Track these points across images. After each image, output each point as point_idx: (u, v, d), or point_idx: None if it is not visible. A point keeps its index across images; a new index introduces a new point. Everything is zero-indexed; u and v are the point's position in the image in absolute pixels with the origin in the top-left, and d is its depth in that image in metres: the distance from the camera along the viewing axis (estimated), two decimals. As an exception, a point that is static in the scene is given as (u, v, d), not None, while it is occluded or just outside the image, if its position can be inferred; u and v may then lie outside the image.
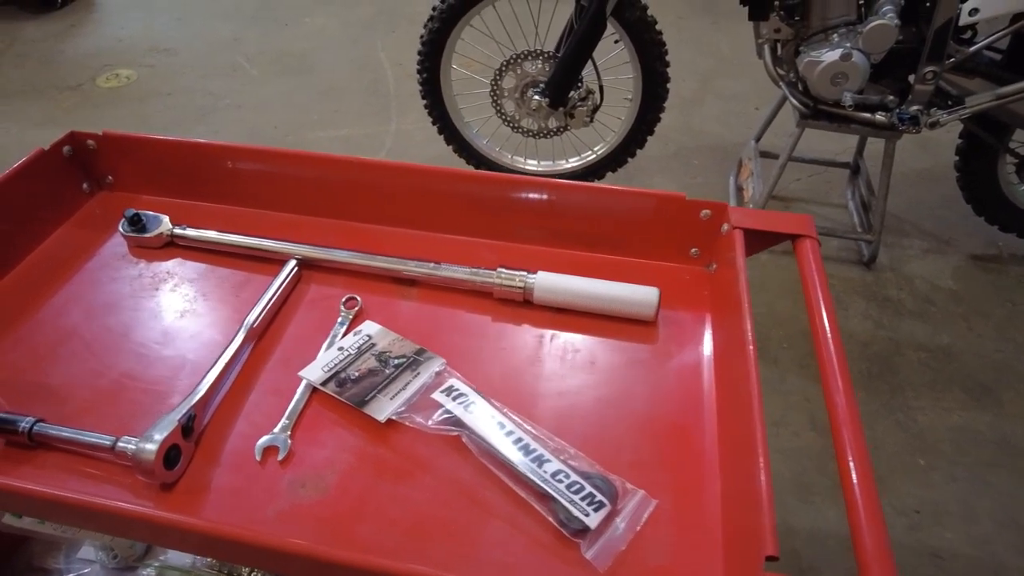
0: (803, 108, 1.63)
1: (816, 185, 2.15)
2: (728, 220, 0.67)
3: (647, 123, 1.82)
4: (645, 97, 1.77)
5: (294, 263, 0.71)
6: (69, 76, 2.71)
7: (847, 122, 1.62)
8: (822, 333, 0.57)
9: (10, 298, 0.71)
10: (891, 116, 1.56)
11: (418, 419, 0.57)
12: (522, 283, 0.67)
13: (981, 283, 1.81)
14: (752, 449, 0.48)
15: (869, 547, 0.42)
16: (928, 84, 1.50)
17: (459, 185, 0.75)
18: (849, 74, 1.50)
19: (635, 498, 0.53)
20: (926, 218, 2.01)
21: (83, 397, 0.61)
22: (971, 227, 1.93)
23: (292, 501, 0.53)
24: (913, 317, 1.72)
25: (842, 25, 1.50)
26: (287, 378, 0.62)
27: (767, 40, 1.62)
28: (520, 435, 0.55)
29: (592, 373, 0.63)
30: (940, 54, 1.45)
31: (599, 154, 1.94)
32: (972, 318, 1.71)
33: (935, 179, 2.14)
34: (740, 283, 0.60)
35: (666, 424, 0.59)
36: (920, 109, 1.54)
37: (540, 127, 1.85)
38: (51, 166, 0.78)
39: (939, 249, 1.91)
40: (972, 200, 1.82)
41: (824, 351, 0.55)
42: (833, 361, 0.54)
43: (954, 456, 1.41)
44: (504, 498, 0.53)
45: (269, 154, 0.79)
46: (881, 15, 1.44)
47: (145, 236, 0.76)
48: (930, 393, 1.53)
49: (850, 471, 0.47)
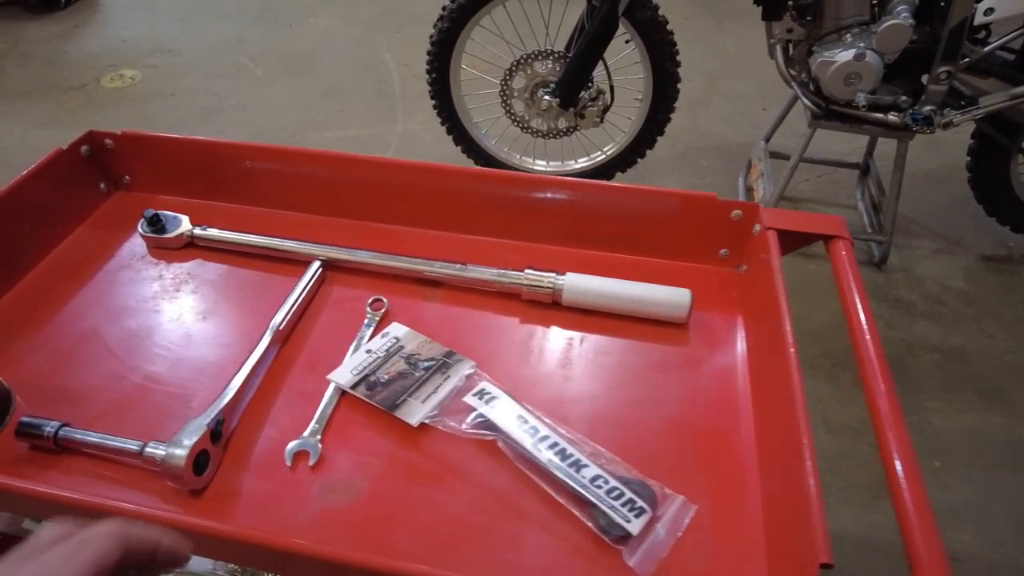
0: (815, 108, 1.62)
1: (824, 186, 2.15)
2: (760, 221, 0.66)
3: (657, 123, 1.81)
4: (656, 97, 1.76)
5: (319, 264, 0.70)
6: (73, 76, 2.70)
7: (860, 123, 1.61)
8: (861, 335, 0.56)
9: (30, 300, 0.70)
10: (904, 116, 1.55)
11: (451, 423, 0.56)
12: (551, 285, 0.66)
13: (992, 284, 1.80)
14: (798, 454, 0.47)
15: (923, 552, 0.41)
16: (942, 84, 1.49)
17: (482, 185, 0.74)
18: (863, 74, 1.50)
19: (675, 503, 0.52)
20: (936, 219, 2.00)
21: (106, 400, 0.60)
22: (981, 228, 1.93)
23: (324, 507, 0.51)
24: (925, 318, 1.71)
25: (855, 25, 1.50)
26: (315, 381, 0.61)
27: (779, 40, 1.61)
28: (556, 439, 0.54)
29: (624, 376, 0.62)
30: (955, 54, 1.45)
31: (608, 154, 1.93)
32: (983, 319, 1.71)
33: (944, 180, 2.14)
34: (777, 285, 0.59)
35: (701, 427, 0.58)
36: (933, 109, 1.53)
37: (550, 127, 1.85)
38: (69, 166, 0.77)
39: (949, 250, 1.90)
40: (983, 201, 1.81)
41: (864, 353, 0.54)
42: (874, 364, 0.53)
43: (968, 458, 1.40)
44: (541, 504, 0.52)
45: (289, 153, 0.78)
46: (895, 15, 1.43)
47: (165, 237, 0.74)
48: (943, 395, 1.52)
49: (898, 476, 0.46)
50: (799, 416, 0.49)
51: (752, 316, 0.66)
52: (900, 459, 0.47)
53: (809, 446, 0.47)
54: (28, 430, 0.54)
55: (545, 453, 0.53)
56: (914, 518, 0.43)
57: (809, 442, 0.47)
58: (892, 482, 0.46)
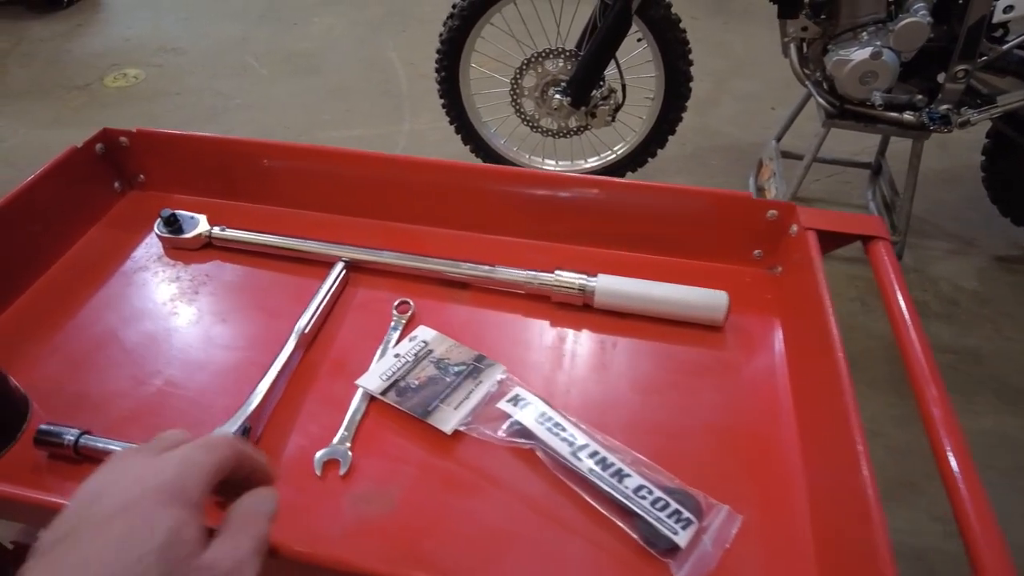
0: (830, 108, 1.61)
1: (835, 186, 2.13)
2: (798, 221, 0.64)
3: (669, 122, 1.80)
4: (668, 96, 1.74)
5: (342, 265, 0.68)
6: (76, 76, 2.68)
7: (875, 122, 1.59)
8: (909, 340, 0.54)
9: (44, 303, 0.68)
10: (920, 116, 1.53)
11: (486, 431, 0.54)
12: (583, 287, 0.64)
13: (1006, 285, 1.78)
14: (853, 463, 0.45)
15: (987, 560, 0.40)
16: (959, 83, 1.48)
17: (508, 184, 0.72)
18: (879, 73, 1.48)
19: (720, 514, 0.50)
20: (948, 219, 1.99)
21: (126, 407, 0.58)
22: (994, 228, 1.91)
23: (357, 517, 0.50)
24: (939, 319, 1.69)
25: (871, 23, 1.48)
26: (342, 387, 0.59)
27: (793, 39, 1.59)
28: (596, 447, 0.52)
29: (660, 381, 0.60)
30: (972, 52, 1.43)
31: (619, 154, 1.91)
32: (999, 320, 1.69)
33: (955, 179, 2.12)
34: (820, 286, 0.57)
35: (742, 434, 0.56)
36: (950, 108, 1.52)
37: (560, 127, 1.83)
38: (83, 165, 0.75)
39: (962, 250, 1.89)
40: (998, 201, 1.80)
41: (914, 359, 0.52)
42: (924, 368, 0.51)
43: (987, 460, 1.39)
44: (582, 514, 0.50)
45: (308, 151, 0.76)
46: (913, 13, 1.42)
47: (182, 237, 0.73)
48: (960, 397, 1.50)
49: (957, 482, 0.44)
50: (852, 424, 0.47)
51: (791, 319, 0.64)
52: (959, 465, 0.45)
53: (865, 454, 0.45)
54: (47, 438, 0.52)
55: (586, 462, 0.51)
56: (976, 526, 0.42)
57: (865, 450, 0.46)
58: (952, 489, 0.44)
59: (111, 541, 0.29)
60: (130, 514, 0.30)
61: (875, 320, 1.66)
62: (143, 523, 0.30)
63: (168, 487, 0.32)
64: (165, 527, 0.30)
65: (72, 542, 0.29)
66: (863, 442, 0.46)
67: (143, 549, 0.29)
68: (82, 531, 0.30)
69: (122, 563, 0.28)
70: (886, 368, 1.54)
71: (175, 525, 0.30)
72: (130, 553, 0.28)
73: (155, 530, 0.29)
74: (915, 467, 1.35)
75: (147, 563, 0.28)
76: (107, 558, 0.28)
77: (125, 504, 0.30)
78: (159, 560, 0.29)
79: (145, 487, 0.31)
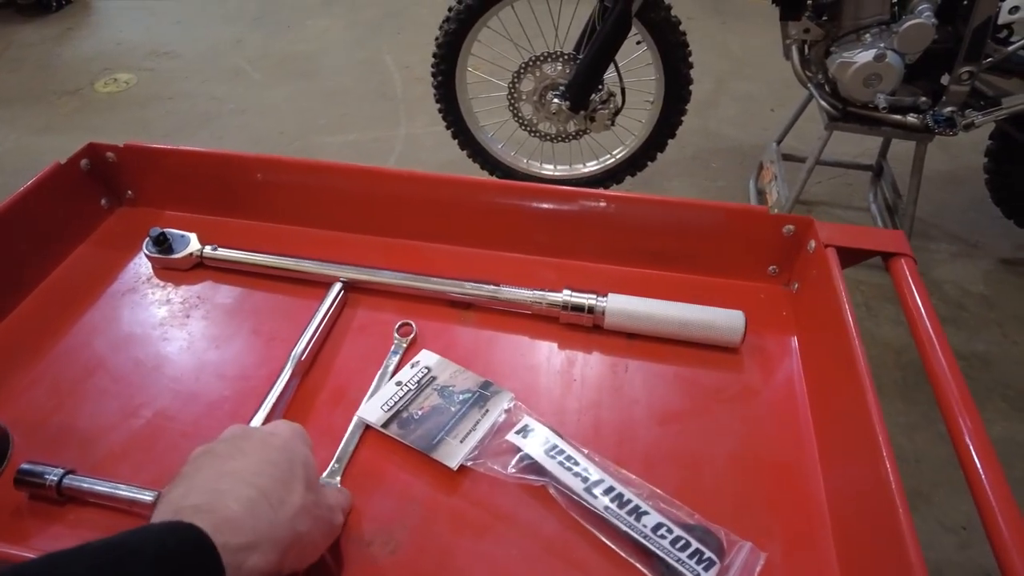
0: (832, 110, 1.58)
1: (836, 188, 2.11)
2: (817, 237, 0.61)
3: (669, 125, 1.77)
4: (668, 99, 1.72)
5: (340, 286, 0.65)
6: (67, 81, 2.64)
7: (878, 125, 1.57)
8: (936, 361, 0.51)
9: (27, 327, 0.65)
10: (924, 118, 1.51)
11: (494, 466, 0.51)
12: (593, 307, 0.61)
13: (1013, 287, 1.76)
14: (886, 494, 0.42)
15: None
16: (964, 85, 1.46)
17: (514, 198, 0.70)
18: (883, 75, 1.46)
19: (743, 551, 0.47)
20: (951, 221, 1.97)
21: (115, 441, 0.55)
22: (998, 230, 1.89)
23: (361, 562, 0.47)
24: (946, 324, 1.67)
25: (875, 25, 1.46)
26: (342, 416, 0.56)
27: (795, 41, 1.57)
28: (611, 483, 0.49)
29: (676, 407, 0.58)
30: (978, 54, 1.41)
31: (618, 158, 1.88)
32: (1006, 324, 1.67)
33: (957, 181, 2.10)
34: (842, 306, 0.55)
35: (763, 462, 0.54)
36: (955, 110, 1.49)
37: (559, 131, 1.80)
38: (68, 181, 0.72)
39: (967, 253, 1.87)
40: (1002, 203, 1.78)
41: (942, 379, 0.50)
42: (953, 390, 0.49)
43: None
44: (598, 555, 0.47)
45: (303, 166, 0.73)
46: (918, 14, 1.39)
47: (172, 257, 0.70)
48: (970, 403, 1.48)
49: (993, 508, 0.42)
50: (883, 451, 0.44)
51: (808, 337, 0.62)
52: (993, 493, 0.43)
53: (898, 485, 0.42)
54: (28, 478, 0.49)
55: (601, 499, 0.48)
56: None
57: (898, 481, 0.43)
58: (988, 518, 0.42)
59: (271, 450, 0.41)
60: (280, 438, 0.42)
61: (880, 325, 1.64)
62: (292, 445, 0.42)
63: (299, 432, 0.45)
64: (304, 452, 0.43)
65: (248, 445, 0.41)
66: (895, 474, 0.43)
67: (296, 459, 0.41)
68: (243, 445, 0.41)
69: (282, 462, 0.40)
70: (894, 374, 1.52)
71: (310, 453, 0.44)
72: (287, 455, 0.41)
73: (299, 451, 0.42)
74: (924, 476, 1.33)
75: (297, 466, 0.41)
76: (272, 457, 0.40)
77: (271, 435, 0.43)
78: (305, 469, 0.41)
79: (282, 430, 0.44)
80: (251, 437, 0.42)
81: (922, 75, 1.51)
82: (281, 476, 0.39)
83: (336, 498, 0.46)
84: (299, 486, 0.40)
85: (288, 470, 0.40)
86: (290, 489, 0.39)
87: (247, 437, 0.42)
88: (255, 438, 0.42)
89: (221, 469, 0.38)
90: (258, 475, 0.38)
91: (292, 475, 0.40)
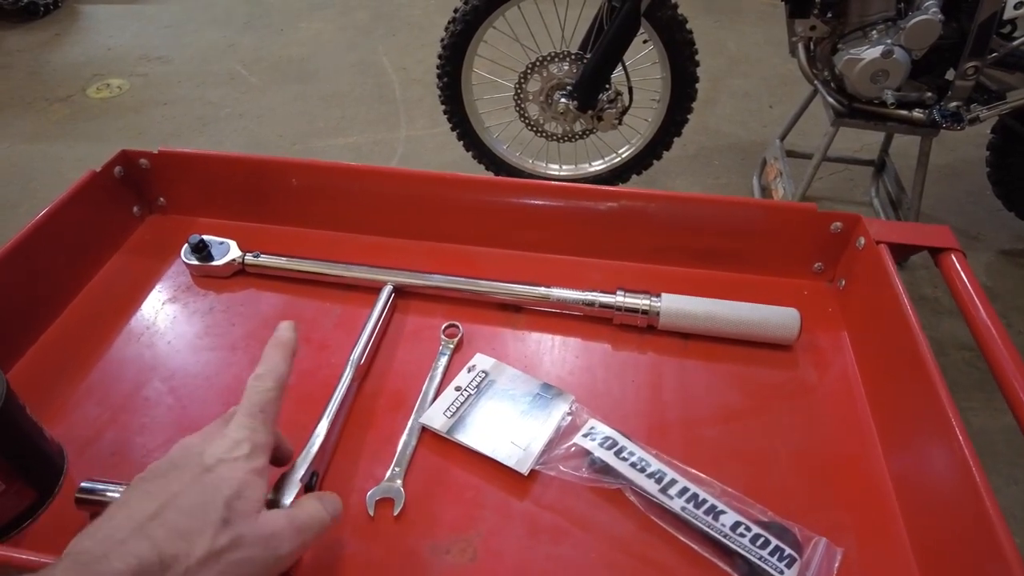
0: (838, 107, 1.60)
1: (838, 183, 2.13)
2: (866, 234, 0.62)
3: (676, 124, 1.78)
4: (674, 98, 1.72)
5: (390, 289, 0.64)
6: (58, 87, 2.59)
7: (884, 120, 1.59)
8: (999, 353, 0.52)
9: (70, 340, 0.63)
10: (929, 113, 1.53)
11: (566, 469, 0.51)
12: (647, 308, 0.61)
13: (1015, 279, 1.79)
14: (972, 489, 0.42)
15: None
16: (969, 80, 1.47)
17: (561, 199, 0.69)
18: (890, 71, 1.47)
19: (819, 547, 0.47)
20: (952, 213, 2.00)
21: (172, 453, 0.54)
22: (998, 222, 1.92)
23: (443, 570, 0.46)
24: (952, 316, 1.69)
25: (881, 21, 1.47)
26: (402, 421, 0.55)
27: (801, 38, 1.58)
28: (684, 483, 0.49)
29: (737, 405, 0.58)
30: (983, 49, 1.43)
31: (624, 157, 1.89)
32: (1009, 315, 1.69)
33: (956, 174, 2.13)
34: (901, 301, 0.55)
35: (827, 457, 0.54)
36: (960, 105, 1.51)
37: (566, 131, 1.80)
38: (102, 189, 0.71)
39: (969, 245, 1.89)
40: (1004, 195, 1.80)
41: (1007, 370, 0.50)
42: (1021, 381, 0.49)
43: (1012, 458, 1.38)
44: (678, 555, 0.47)
45: (340, 170, 0.73)
46: (924, 10, 1.41)
47: (213, 265, 0.68)
48: (980, 394, 1.50)
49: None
50: (959, 438, 0.45)
51: (861, 333, 0.62)
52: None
53: (983, 480, 0.43)
54: (90, 496, 0.48)
55: (677, 500, 0.48)
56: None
57: (982, 477, 0.43)
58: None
59: (196, 485, 0.37)
60: (216, 461, 0.39)
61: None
62: (225, 473, 0.38)
63: (257, 447, 0.41)
64: (238, 480, 0.38)
65: (167, 480, 0.38)
66: (980, 470, 0.43)
67: (219, 493, 0.37)
68: (177, 473, 0.38)
69: (196, 502, 0.36)
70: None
71: (251, 477, 0.39)
72: (207, 490, 0.37)
73: (229, 481, 0.38)
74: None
75: (216, 505, 0.36)
76: (186, 495, 0.37)
77: (208, 463, 0.39)
78: (228, 505, 0.37)
79: (221, 449, 0.40)
80: (183, 465, 0.39)
81: (926, 71, 1.53)
82: (184, 524, 0.35)
83: (288, 522, 0.40)
84: (208, 531, 0.35)
85: (200, 512, 0.36)
86: (192, 540, 0.34)
87: (178, 466, 0.39)
88: (187, 466, 0.38)
89: (135, 508, 0.36)
90: (158, 523, 0.35)
91: (203, 519, 0.35)
